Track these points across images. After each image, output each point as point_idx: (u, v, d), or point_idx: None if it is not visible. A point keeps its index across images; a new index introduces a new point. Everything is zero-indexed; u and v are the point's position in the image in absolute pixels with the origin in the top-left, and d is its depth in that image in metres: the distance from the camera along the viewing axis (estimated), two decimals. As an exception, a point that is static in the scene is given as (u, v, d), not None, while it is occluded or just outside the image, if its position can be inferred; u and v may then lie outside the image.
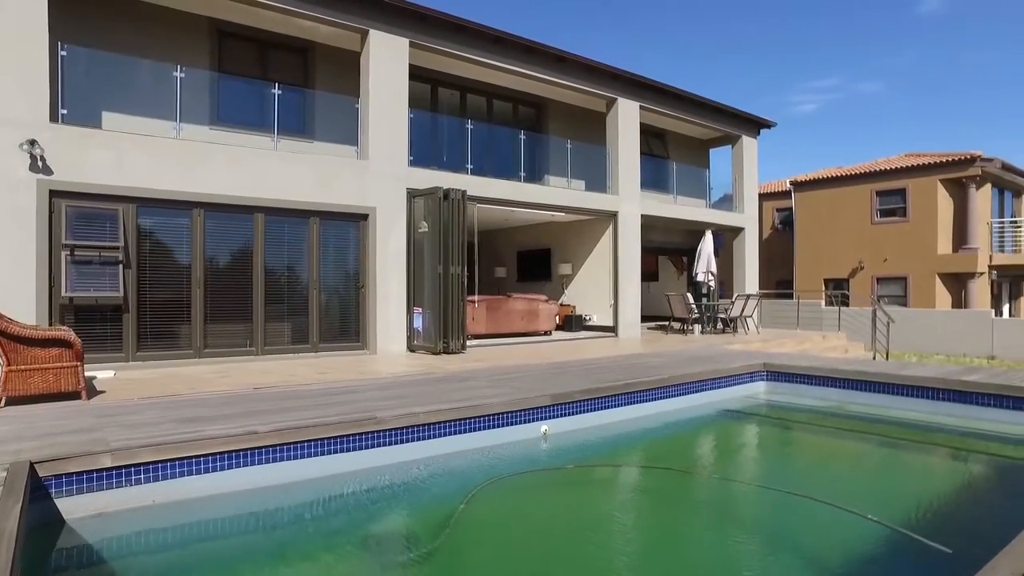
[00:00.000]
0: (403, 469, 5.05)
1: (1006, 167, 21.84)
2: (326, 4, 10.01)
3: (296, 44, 11.39)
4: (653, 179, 16.74)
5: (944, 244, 21.66)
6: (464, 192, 10.73)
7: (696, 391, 7.74)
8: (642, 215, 14.91)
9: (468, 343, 11.08)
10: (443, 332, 10.35)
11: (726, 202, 18.44)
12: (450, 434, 5.42)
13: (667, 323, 16.29)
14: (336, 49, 11.63)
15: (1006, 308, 24.01)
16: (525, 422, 5.94)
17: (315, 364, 9.05)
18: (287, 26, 10.78)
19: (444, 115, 13.64)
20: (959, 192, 21.60)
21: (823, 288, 24.12)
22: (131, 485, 3.92)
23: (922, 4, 74.18)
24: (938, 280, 21.58)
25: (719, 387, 8.07)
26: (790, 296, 21.90)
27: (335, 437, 4.74)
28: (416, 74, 11.73)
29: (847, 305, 19.78)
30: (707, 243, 16.01)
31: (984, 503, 4.93)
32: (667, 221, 16.12)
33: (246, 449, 4.30)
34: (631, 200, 14.67)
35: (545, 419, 6.09)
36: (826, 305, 19.81)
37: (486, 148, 13.61)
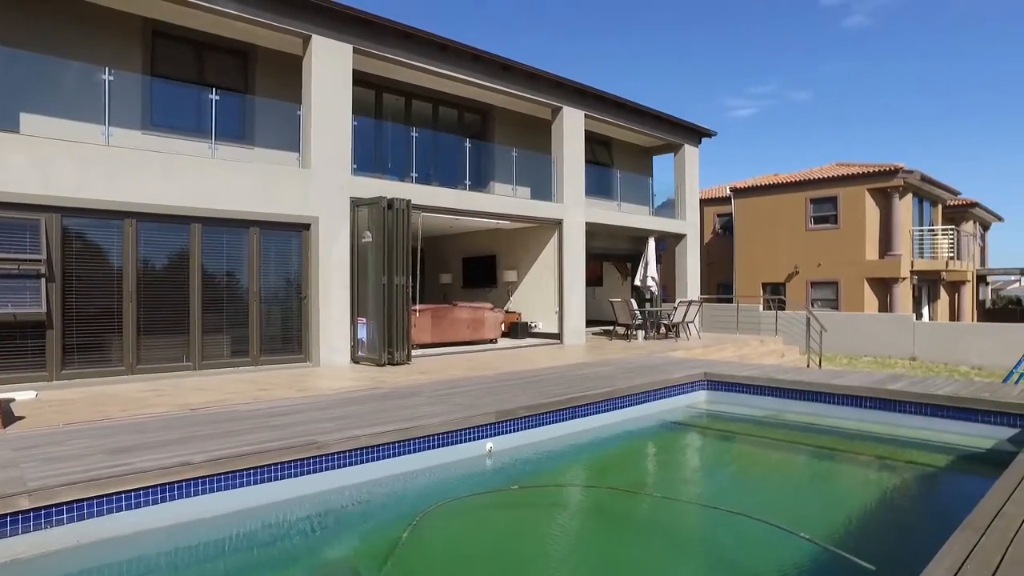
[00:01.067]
0: (346, 494, 4.96)
1: (925, 179, 23.04)
2: (267, 8, 9.74)
3: (236, 47, 11.06)
4: (598, 186, 16.97)
5: (871, 250, 22.69)
6: (409, 201, 10.62)
7: (639, 403, 7.87)
8: (587, 222, 15.08)
9: (413, 353, 10.97)
10: (388, 343, 10.23)
11: (669, 208, 18.82)
12: (394, 456, 5.36)
13: (612, 328, 16.52)
14: (278, 53, 11.35)
15: (925, 311, 25.32)
16: (470, 440, 5.92)
17: (255, 379, 8.79)
18: (226, 28, 10.44)
19: (389, 122, 13.50)
20: (884, 201, 22.68)
21: (761, 292, 24.92)
22: (52, 527, 3.71)
23: (849, 17, 77.65)
24: (866, 284, 22.60)
25: (662, 398, 8.21)
26: (730, 300, 22.54)
27: (274, 464, 4.61)
28: (360, 80, 11.54)
29: (784, 309, 20.50)
30: (650, 250, 16.33)
31: (907, 515, 5.18)
32: (612, 228, 16.35)
33: (180, 481, 4.14)
34: (576, 208, 14.82)
35: (490, 436, 6.09)
36: (764, 309, 20.49)
37: (432, 155, 13.52)
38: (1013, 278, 29.69)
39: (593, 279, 21.87)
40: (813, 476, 6.52)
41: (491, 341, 13.73)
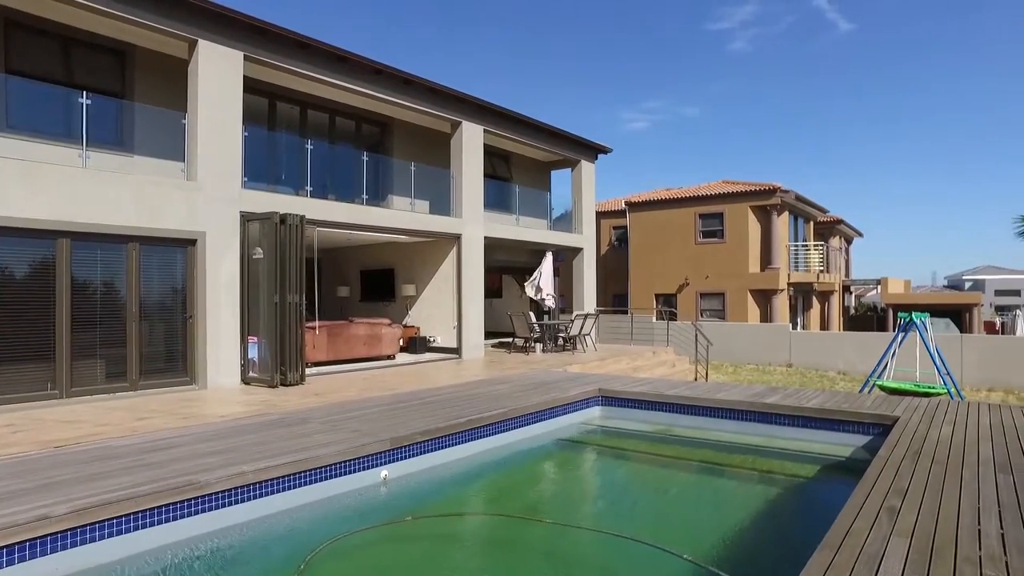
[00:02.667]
0: (231, 535, 4.72)
1: (799, 198, 24.92)
2: (146, 7, 9.13)
3: (112, 46, 10.29)
4: (497, 200, 17.15)
5: (754, 264, 24.24)
6: (303, 216, 10.30)
7: (536, 421, 7.99)
8: (486, 237, 15.19)
9: (308, 372, 10.62)
10: (280, 363, 9.86)
11: (567, 221, 19.29)
12: (283, 490, 5.16)
13: (511, 340, 16.70)
14: (161, 55, 10.68)
15: (800, 319, 27.32)
16: (363, 469, 5.80)
17: (134, 406, 8.20)
18: (99, 25, 9.71)
19: (283, 132, 13.04)
20: (765, 218, 24.31)
21: (655, 303, 26.01)
22: None
23: (733, 42, 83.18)
24: (750, 296, 24.10)
25: (557, 416, 8.39)
26: (625, 312, 23.39)
27: (150, 510, 4.33)
28: (252, 87, 11.07)
29: (675, 319, 21.51)
30: (547, 264, 16.64)
31: (781, 530, 5.54)
32: (510, 242, 16.55)
33: (37, 538, 3.80)
34: (475, 222, 14.89)
35: (385, 463, 5.99)
36: (657, 320, 21.40)
37: (329, 168, 13.20)
38: (871, 287, 33.00)
39: (492, 291, 22.03)
40: (699, 493, 6.86)
41: (389, 357, 13.52)
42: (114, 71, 10.43)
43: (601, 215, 28.36)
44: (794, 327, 25.07)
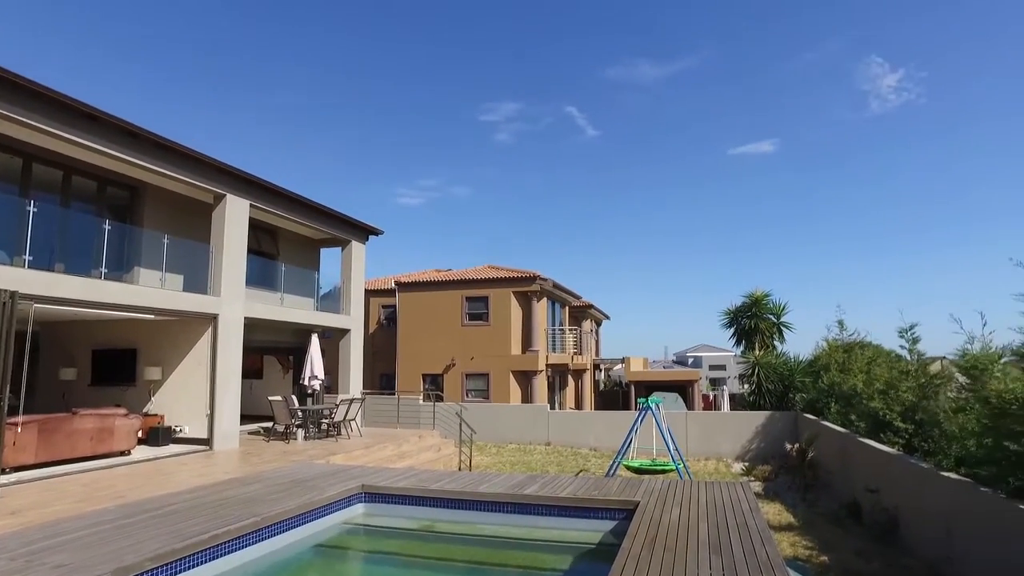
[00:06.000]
0: None
1: (556, 286, 27.36)
2: None
3: None
4: (261, 277, 16.24)
5: (516, 346, 25.75)
6: (15, 293, 8.75)
7: (294, 526, 7.43)
8: (247, 317, 14.21)
9: (11, 479, 8.76)
10: (-34, 472, 8.02)
11: (335, 298, 18.82)
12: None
13: (271, 425, 15.53)
14: None
15: (557, 397, 29.44)
16: (74, 612, 4.86)
17: None
18: None
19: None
20: (526, 303, 26.15)
21: (422, 383, 26.19)
22: None
23: (498, 133, 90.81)
24: (512, 376, 25.41)
25: (318, 518, 7.89)
26: (392, 393, 23.17)
27: None
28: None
29: (441, 400, 21.78)
30: (314, 347, 16.01)
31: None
32: (275, 322, 15.67)
33: None
34: (234, 302, 13.88)
35: (104, 600, 5.08)
36: (424, 401, 21.51)
37: (59, 232, 11.48)
38: (618, 363, 37.25)
39: (252, 371, 20.52)
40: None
41: (123, 453, 11.72)
42: None
43: (371, 293, 28.24)
44: (552, 405, 26.88)
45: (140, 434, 12.70)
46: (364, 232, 19.38)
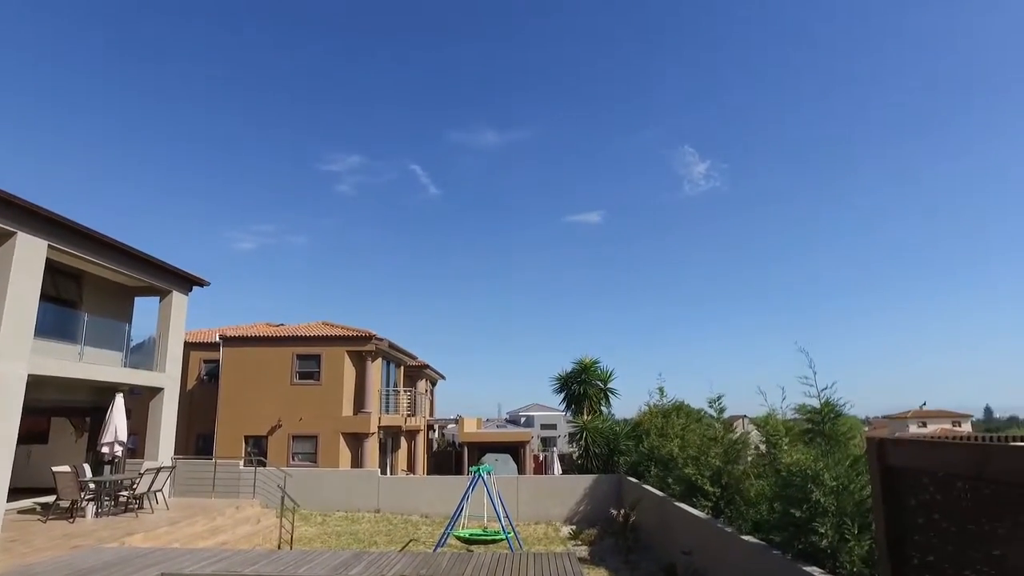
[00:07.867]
0: None
1: (392, 346, 26.91)
2: None
3: None
4: (57, 327, 14.29)
5: (348, 407, 24.76)
6: None
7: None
8: (32, 374, 12.35)
9: None
10: None
11: (148, 352, 16.99)
12: None
13: (53, 501, 13.43)
14: None
15: (389, 459, 28.56)
16: None
17: None
18: None
19: None
20: (360, 363, 25.38)
21: (244, 446, 24.24)
22: None
23: (340, 184, 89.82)
24: (342, 439, 24.30)
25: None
26: (209, 457, 21.17)
27: None
28: None
29: (264, 465, 20.24)
30: (118, 409, 14.31)
31: None
32: (71, 380, 13.79)
33: None
34: (16, 356, 11.97)
35: None
36: (245, 465, 19.91)
37: None
38: (451, 422, 37.36)
39: (35, 435, 17.85)
40: None
41: None
42: None
43: (192, 346, 25.95)
44: (384, 469, 25.99)
45: None
46: (187, 282, 17.88)
